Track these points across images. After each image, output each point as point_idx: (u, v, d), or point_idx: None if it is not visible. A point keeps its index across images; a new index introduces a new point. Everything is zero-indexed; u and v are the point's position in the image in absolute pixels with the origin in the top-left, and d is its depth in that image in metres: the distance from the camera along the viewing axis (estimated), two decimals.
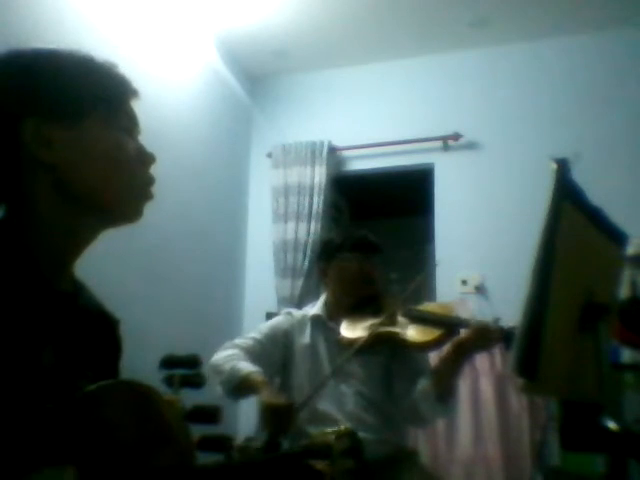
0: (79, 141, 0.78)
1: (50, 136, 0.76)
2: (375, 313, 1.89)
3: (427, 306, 1.92)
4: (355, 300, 1.94)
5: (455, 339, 1.73)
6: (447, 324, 1.77)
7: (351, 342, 1.83)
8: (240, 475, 0.87)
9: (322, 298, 2.05)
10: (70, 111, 0.78)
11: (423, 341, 1.77)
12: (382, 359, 1.86)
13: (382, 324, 1.80)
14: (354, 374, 1.84)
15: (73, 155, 0.77)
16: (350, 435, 0.98)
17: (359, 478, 0.97)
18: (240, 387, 1.71)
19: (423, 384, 1.76)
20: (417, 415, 1.80)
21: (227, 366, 1.76)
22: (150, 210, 0.87)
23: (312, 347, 1.91)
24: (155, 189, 0.85)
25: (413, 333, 1.79)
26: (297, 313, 2.03)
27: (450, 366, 1.72)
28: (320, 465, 0.91)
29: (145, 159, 0.84)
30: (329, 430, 0.96)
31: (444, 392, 1.72)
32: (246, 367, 1.73)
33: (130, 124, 0.84)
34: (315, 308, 2.01)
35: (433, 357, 2.00)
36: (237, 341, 1.92)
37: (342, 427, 0.99)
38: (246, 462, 0.99)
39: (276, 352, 1.91)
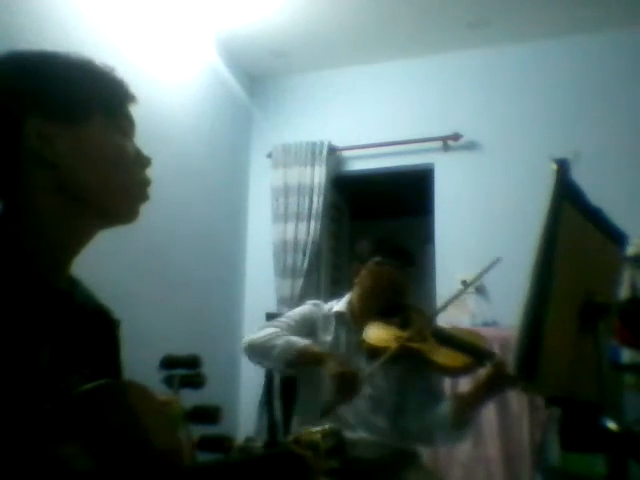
0: (81, 141, 0.80)
1: (53, 135, 0.77)
2: (403, 325, 1.86)
3: (457, 330, 1.90)
4: (381, 306, 1.91)
5: (487, 373, 1.69)
6: (477, 354, 1.73)
7: (374, 349, 1.80)
8: (229, 473, 0.87)
9: (347, 297, 2.02)
10: (73, 111, 0.80)
11: (450, 366, 1.75)
12: (399, 371, 1.85)
13: (411, 338, 1.78)
14: (369, 378, 1.83)
15: (74, 154, 0.79)
16: (335, 434, 0.98)
17: (344, 477, 0.97)
18: (299, 359, 1.75)
19: (442, 410, 1.75)
20: (429, 438, 1.81)
21: (279, 341, 1.77)
22: (150, 210, 0.88)
23: (334, 345, 1.89)
24: (153, 190, 0.88)
25: (441, 355, 1.76)
26: (324, 306, 1.99)
27: (479, 399, 1.71)
28: (300, 450, 0.91)
29: (142, 161, 0.87)
30: (315, 429, 0.96)
31: (464, 421, 1.72)
32: (301, 340, 1.77)
33: (128, 127, 0.86)
34: (340, 305, 1.98)
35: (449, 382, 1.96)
36: (272, 322, 1.90)
37: (327, 426, 0.99)
38: (235, 461, 0.99)
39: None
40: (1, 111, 0.78)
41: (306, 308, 2.00)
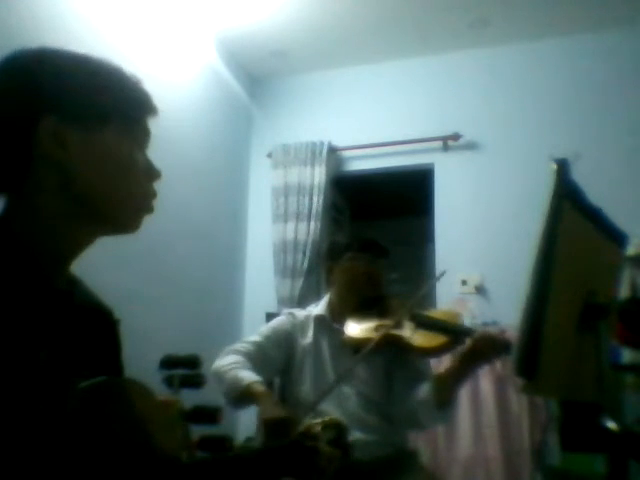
0: (94, 147, 0.79)
1: (67, 137, 0.77)
2: (380, 315, 1.88)
3: (433, 312, 1.92)
4: (360, 300, 1.93)
5: (462, 349, 1.72)
6: (453, 332, 1.76)
7: (356, 342, 1.82)
8: (232, 470, 0.87)
9: (326, 298, 2.03)
10: (91, 116, 0.79)
11: (428, 347, 1.76)
12: (383, 360, 1.86)
13: (390, 326, 1.79)
14: (356, 375, 1.83)
15: (86, 159, 0.78)
16: (336, 425, 0.98)
17: (346, 467, 0.97)
18: (242, 398, 1.70)
19: (424, 391, 1.75)
20: (415, 421, 1.79)
21: (229, 375, 1.73)
22: None
23: (315, 348, 1.90)
24: (156, 199, 0.87)
25: (418, 338, 1.78)
26: (299, 314, 2.00)
27: (455, 376, 1.71)
28: (311, 442, 0.91)
29: (152, 174, 0.87)
30: (315, 421, 0.96)
31: (445, 400, 1.71)
32: (247, 377, 1.71)
33: (143, 138, 0.87)
34: (319, 308, 1.99)
35: (436, 365, 1.99)
36: (237, 346, 1.87)
37: (328, 417, 0.99)
38: (236, 457, 0.99)
39: (277, 354, 1.89)
40: (18, 104, 0.77)
41: (279, 320, 2.00)
